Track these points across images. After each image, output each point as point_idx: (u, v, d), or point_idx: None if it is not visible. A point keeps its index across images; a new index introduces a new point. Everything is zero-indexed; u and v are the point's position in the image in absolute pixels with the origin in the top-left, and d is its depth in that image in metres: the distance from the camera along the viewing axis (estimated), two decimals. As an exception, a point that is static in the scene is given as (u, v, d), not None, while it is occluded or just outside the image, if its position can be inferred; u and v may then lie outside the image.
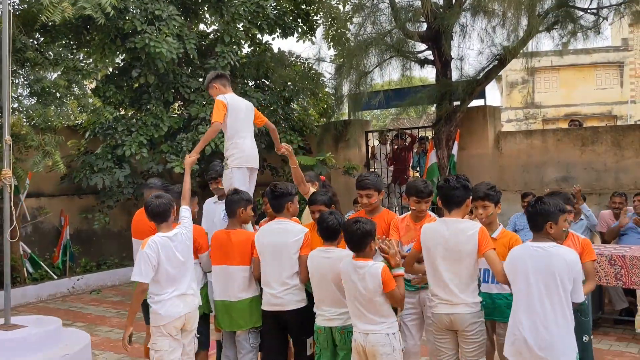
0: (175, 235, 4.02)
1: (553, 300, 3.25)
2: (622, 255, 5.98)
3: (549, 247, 3.30)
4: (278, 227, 4.12)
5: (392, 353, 3.54)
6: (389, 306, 3.61)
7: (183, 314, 3.97)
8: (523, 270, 3.33)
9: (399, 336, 3.64)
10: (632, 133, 8.95)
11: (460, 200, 3.73)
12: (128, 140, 9.09)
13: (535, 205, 3.43)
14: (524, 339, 3.30)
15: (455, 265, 3.62)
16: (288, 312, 4.00)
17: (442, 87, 9.39)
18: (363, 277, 3.59)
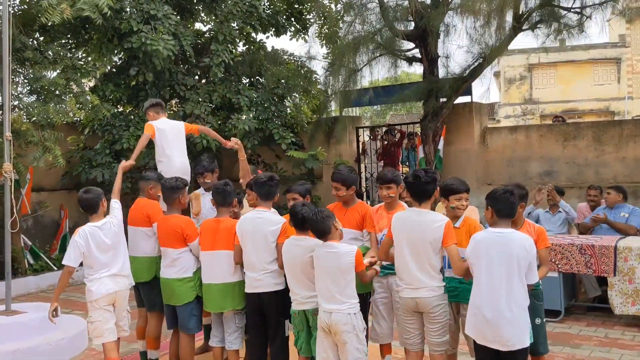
0: (104, 224, 4.57)
1: (511, 281, 3.53)
2: (591, 244, 6.29)
3: (509, 233, 3.60)
4: (258, 216, 4.42)
5: (353, 331, 3.84)
6: (353, 288, 3.91)
7: (113, 292, 4.53)
8: (485, 254, 3.60)
9: (360, 317, 3.92)
10: (612, 129, 9.24)
11: (431, 193, 4.02)
12: (125, 135, 9.41)
13: (511, 196, 3.70)
14: (484, 317, 3.58)
15: (421, 252, 3.90)
16: (267, 294, 4.31)
17: (428, 84, 9.69)
18: (336, 256, 3.87)
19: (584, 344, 5.74)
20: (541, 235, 4.14)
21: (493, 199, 3.70)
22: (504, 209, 3.66)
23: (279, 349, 4.39)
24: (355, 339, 3.84)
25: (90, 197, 4.62)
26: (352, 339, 3.83)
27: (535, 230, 4.17)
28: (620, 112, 33.66)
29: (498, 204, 3.68)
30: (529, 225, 4.20)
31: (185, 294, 4.66)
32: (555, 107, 34.77)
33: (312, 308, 4.11)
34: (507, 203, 3.66)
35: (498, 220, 3.65)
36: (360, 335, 3.87)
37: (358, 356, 3.84)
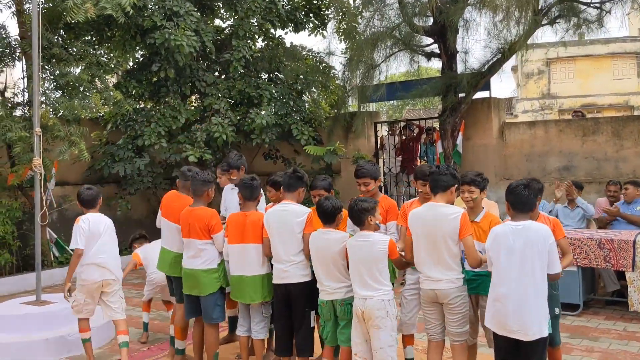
0: (100, 217, 5.14)
1: (531, 271, 3.59)
2: (610, 239, 6.33)
3: (527, 224, 3.68)
4: (284, 209, 4.55)
5: (387, 317, 3.96)
6: (386, 276, 4.04)
7: (99, 280, 5.08)
8: (505, 246, 3.68)
9: (394, 303, 4.05)
10: (631, 123, 9.23)
11: (447, 185, 4.09)
12: (147, 131, 9.59)
13: (525, 190, 3.78)
14: (504, 308, 3.65)
15: (439, 245, 3.99)
16: (293, 285, 4.43)
17: (447, 79, 9.73)
18: (370, 245, 4.02)
19: (602, 337, 5.79)
20: (557, 226, 4.21)
21: (509, 193, 3.79)
22: (519, 202, 3.74)
23: (304, 340, 4.50)
24: (388, 324, 3.97)
25: (91, 193, 5.24)
26: (386, 324, 3.96)
27: (551, 221, 4.23)
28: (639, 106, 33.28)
29: (513, 198, 3.76)
30: (544, 218, 4.26)
31: (211, 284, 4.78)
32: (573, 101, 34.46)
33: (340, 298, 4.23)
34: (521, 196, 3.74)
35: (514, 213, 3.72)
36: (393, 321, 4.00)
37: (390, 342, 3.97)
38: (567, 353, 5.35)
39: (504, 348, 3.73)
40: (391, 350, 3.97)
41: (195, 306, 4.92)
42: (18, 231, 9.13)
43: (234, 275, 4.76)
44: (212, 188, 5.01)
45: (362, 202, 4.16)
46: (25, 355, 5.56)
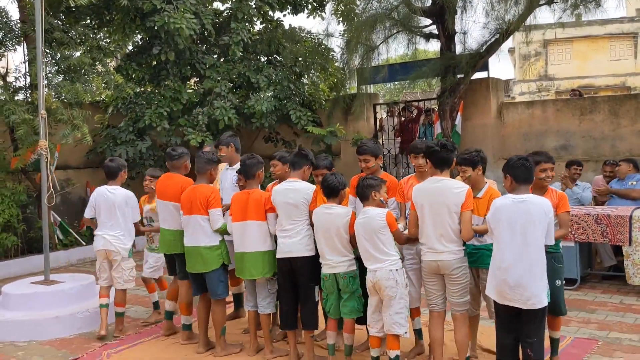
0: (116, 189, 5.64)
1: (531, 243, 3.71)
2: (607, 214, 6.46)
3: (528, 197, 3.79)
4: (291, 186, 4.66)
5: (396, 286, 4.11)
6: (391, 247, 4.18)
7: (102, 249, 5.63)
8: (506, 218, 3.79)
9: (402, 272, 4.19)
10: (628, 102, 9.32)
11: (451, 161, 4.25)
12: (148, 113, 9.65)
13: (526, 163, 3.89)
14: (505, 278, 3.78)
15: (442, 217, 4.11)
16: (298, 259, 4.55)
17: (445, 60, 9.80)
18: (369, 219, 4.18)
19: (599, 309, 5.94)
20: (562, 200, 4.32)
21: (511, 167, 3.88)
22: (522, 174, 3.85)
23: (309, 313, 4.64)
24: (399, 293, 4.12)
25: (114, 165, 5.76)
26: (397, 292, 4.11)
27: (557, 195, 4.34)
28: (636, 87, 33.31)
29: (516, 171, 3.86)
30: (552, 191, 4.38)
31: (213, 261, 4.90)
32: (570, 83, 34.45)
33: (342, 271, 4.37)
34: (524, 169, 3.85)
35: (517, 186, 3.83)
36: (403, 290, 4.14)
37: (399, 309, 4.12)
38: (565, 325, 5.48)
39: (505, 316, 3.86)
40: (399, 317, 4.11)
41: (200, 283, 5.04)
42: (23, 214, 9.23)
43: (236, 252, 4.88)
44: (215, 168, 5.11)
45: (369, 179, 4.34)
46: (36, 332, 5.70)
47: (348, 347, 4.52)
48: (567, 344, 5.01)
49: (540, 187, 4.33)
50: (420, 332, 4.88)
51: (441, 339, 4.25)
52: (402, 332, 4.12)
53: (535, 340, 3.76)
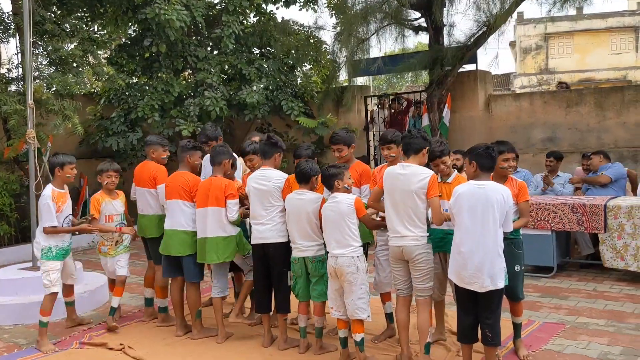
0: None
1: (489, 229, 3.84)
2: (583, 204, 6.59)
3: (489, 184, 3.91)
4: (263, 174, 4.80)
5: (357, 272, 4.26)
6: (355, 234, 4.32)
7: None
8: (467, 204, 3.92)
9: (363, 259, 4.34)
10: (613, 94, 9.42)
11: (419, 147, 4.31)
12: (140, 104, 9.80)
13: (491, 151, 4.02)
14: (463, 262, 3.92)
15: (407, 203, 4.22)
16: (271, 245, 4.70)
17: (434, 52, 9.91)
18: (337, 204, 4.33)
19: (572, 296, 6.07)
20: (522, 190, 4.45)
21: (478, 155, 4.00)
22: (487, 163, 3.98)
23: (283, 298, 4.80)
24: (359, 279, 4.26)
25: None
26: (357, 278, 4.26)
27: (517, 184, 4.47)
28: (637, 80, 33.25)
29: (482, 159, 3.98)
30: (512, 180, 4.51)
31: (192, 246, 5.06)
32: (571, 76, 34.42)
33: (311, 255, 4.52)
34: (490, 158, 3.98)
35: (480, 173, 3.95)
36: (364, 276, 4.29)
37: (360, 294, 4.26)
38: (536, 310, 5.64)
39: (465, 299, 4.00)
40: (361, 302, 4.25)
41: (174, 266, 5.20)
42: (16, 204, 9.39)
43: (199, 238, 5.03)
44: (192, 155, 5.22)
45: (331, 168, 4.47)
46: (22, 316, 5.86)
47: (318, 329, 4.66)
48: (534, 328, 5.15)
49: (502, 176, 4.45)
50: (391, 316, 5.01)
51: (406, 322, 4.37)
52: (364, 316, 4.26)
53: (493, 321, 3.91)
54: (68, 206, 5.38)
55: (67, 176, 5.32)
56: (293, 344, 4.82)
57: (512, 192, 4.37)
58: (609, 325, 5.14)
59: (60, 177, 5.31)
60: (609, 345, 4.67)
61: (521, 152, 9.79)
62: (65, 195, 5.39)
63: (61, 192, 5.32)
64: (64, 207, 5.29)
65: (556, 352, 4.60)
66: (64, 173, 5.29)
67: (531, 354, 4.55)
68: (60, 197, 5.27)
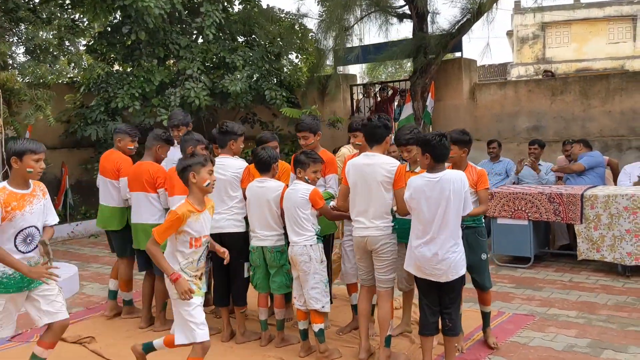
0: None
1: (446, 219, 3.71)
2: (560, 193, 6.47)
3: (444, 175, 3.78)
4: (221, 162, 4.66)
5: (310, 262, 4.17)
6: (310, 223, 4.22)
7: None
8: (422, 196, 3.78)
9: (318, 248, 4.23)
10: (598, 83, 9.27)
11: (381, 137, 4.18)
12: (120, 93, 9.67)
13: (444, 141, 3.89)
14: (422, 254, 3.79)
15: (372, 192, 4.10)
16: (228, 235, 4.57)
17: (417, 40, 9.76)
18: (293, 194, 4.26)
19: (546, 287, 5.97)
20: (481, 178, 4.33)
21: (432, 146, 3.86)
22: (441, 154, 3.85)
23: (238, 290, 4.68)
24: (312, 268, 4.17)
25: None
26: (310, 267, 4.17)
27: (477, 172, 4.35)
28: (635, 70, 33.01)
29: (436, 150, 3.84)
30: (471, 168, 4.39)
31: None
32: (568, 66, 34.23)
33: (270, 245, 4.42)
34: (444, 148, 3.85)
35: (435, 165, 3.83)
36: (318, 265, 4.19)
37: (314, 284, 4.17)
38: (508, 301, 5.54)
39: (425, 289, 3.89)
40: (315, 292, 4.16)
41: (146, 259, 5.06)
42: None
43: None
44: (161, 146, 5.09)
45: (300, 155, 4.38)
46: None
47: (279, 321, 4.57)
48: (504, 319, 5.05)
49: (460, 164, 4.35)
50: (356, 308, 4.90)
51: (368, 312, 4.28)
52: (318, 306, 4.16)
53: (452, 310, 3.81)
54: (31, 214, 3.63)
55: (28, 170, 3.62)
56: (253, 337, 4.72)
57: (471, 180, 4.28)
58: (579, 317, 5.04)
59: (18, 170, 3.65)
60: (576, 338, 4.57)
61: (506, 141, 9.73)
62: (27, 198, 3.64)
63: (18, 193, 3.60)
64: (20, 214, 3.56)
65: (522, 344, 4.51)
66: (23, 165, 3.60)
67: (498, 345, 4.47)
68: (13, 199, 3.55)
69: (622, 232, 6.12)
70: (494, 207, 6.82)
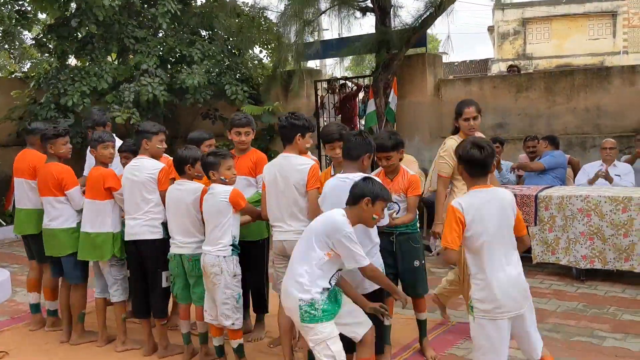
0: None
1: None
2: (514, 194, 6.19)
3: (355, 177, 3.50)
4: (136, 163, 4.38)
5: (221, 274, 3.85)
6: (226, 231, 3.89)
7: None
8: (330, 200, 3.51)
9: (232, 261, 3.91)
10: (563, 79, 9.03)
11: (289, 136, 3.91)
12: (70, 90, 9.27)
13: (356, 137, 3.62)
14: None
15: (287, 195, 3.83)
16: (143, 242, 4.27)
17: (380, 35, 9.45)
18: (212, 197, 3.93)
19: (497, 293, 5.71)
20: (413, 184, 4.04)
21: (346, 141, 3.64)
22: (346, 150, 3.63)
23: (157, 300, 4.38)
24: (223, 281, 3.85)
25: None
26: (220, 280, 3.86)
27: (408, 178, 4.07)
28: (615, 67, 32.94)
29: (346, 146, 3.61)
30: (403, 173, 4.11)
31: (70, 244, 4.61)
32: (549, 62, 34.24)
33: (188, 253, 4.11)
34: (349, 143, 3.62)
35: (346, 163, 3.56)
36: (229, 279, 3.87)
37: (226, 299, 3.87)
38: (454, 308, 5.24)
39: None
40: (225, 307, 3.87)
41: (60, 267, 4.77)
42: None
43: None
44: (54, 143, 4.68)
45: (209, 155, 4.04)
46: None
47: (202, 335, 4.27)
48: (445, 329, 4.80)
49: (393, 170, 4.07)
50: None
51: (289, 326, 3.97)
52: (228, 323, 3.87)
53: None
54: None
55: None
56: (177, 351, 4.42)
57: (402, 185, 4.03)
58: (526, 326, 4.78)
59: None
60: (517, 349, 4.28)
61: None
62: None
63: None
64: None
65: (459, 356, 4.25)
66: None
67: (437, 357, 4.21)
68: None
69: (576, 235, 5.89)
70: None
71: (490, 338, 3.03)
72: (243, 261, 4.35)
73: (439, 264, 6.91)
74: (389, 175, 4.10)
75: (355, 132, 3.73)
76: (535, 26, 35.75)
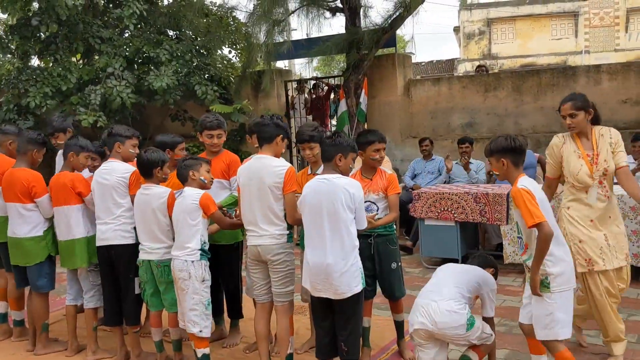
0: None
1: (336, 227, 3.36)
2: (486, 193, 6.26)
3: (334, 178, 3.45)
4: (107, 167, 4.25)
5: (189, 279, 3.76)
6: (195, 236, 3.80)
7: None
8: (309, 201, 3.45)
9: (201, 266, 3.81)
10: (530, 78, 9.16)
11: (270, 136, 3.82)
12: (32, 91, 9.01)
13: (331, 138, 3.58)
14: (312, 267, 3.44)
15: (262, 198, 3.74)
16: (114, 247, 4.15)
17: (349, 35, 9.44)
18: (182, 200, 3.85)
19: (471, 291, 5.73)
20: (392, 183, 4.03)
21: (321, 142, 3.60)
22: (322, 150, 3.59)
23: (129, 307, 4.27)
24: (191, 287, 3.76)
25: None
26: (188, 286, 3.77)
27: (387, 177, 4.05)
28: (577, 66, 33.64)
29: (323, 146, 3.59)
30: (381, 172, 4.09)
31: (37, 253, 4.47)
32: (513, 62, 34.78)
33: (157, 259, 4.00)
34: (324, 144, 3.60)
35: (323, 164, 3.51)
36: (197, 285, 3.77)
37: (194, 305, 3.78)
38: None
39: (319, 309, 3.55)
40: (193, 314, 3.78)
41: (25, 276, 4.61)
42: None
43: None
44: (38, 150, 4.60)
45: (188, 159, 3.99)
46: None
47: (175, 342, 4.16)
48: (421, 330, 4.76)
49: (371, 168, 4.04)
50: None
51: (265, 333, 3.91)
52: (195, 330, 3.78)
53: (350, 333, 3.45)
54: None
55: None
56: (149, 358, 4.30)
57: (381, 184, 3.99)
58: (500, 325, 4.82)
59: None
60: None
61: (441, 139, 9.53)
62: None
63: None
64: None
65: (437, 358, 4.21)
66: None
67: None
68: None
69: (547, 233, 5.94)
70: (420, 208, 6.57)
71: (569, 309, 3.27)
72: (217, 265, 4.29)
73: (412, 264, 6.93)
74: (367, 175, 4.06)
75: (331, 133, 3.69)
76: (500, 26, 36.29)
